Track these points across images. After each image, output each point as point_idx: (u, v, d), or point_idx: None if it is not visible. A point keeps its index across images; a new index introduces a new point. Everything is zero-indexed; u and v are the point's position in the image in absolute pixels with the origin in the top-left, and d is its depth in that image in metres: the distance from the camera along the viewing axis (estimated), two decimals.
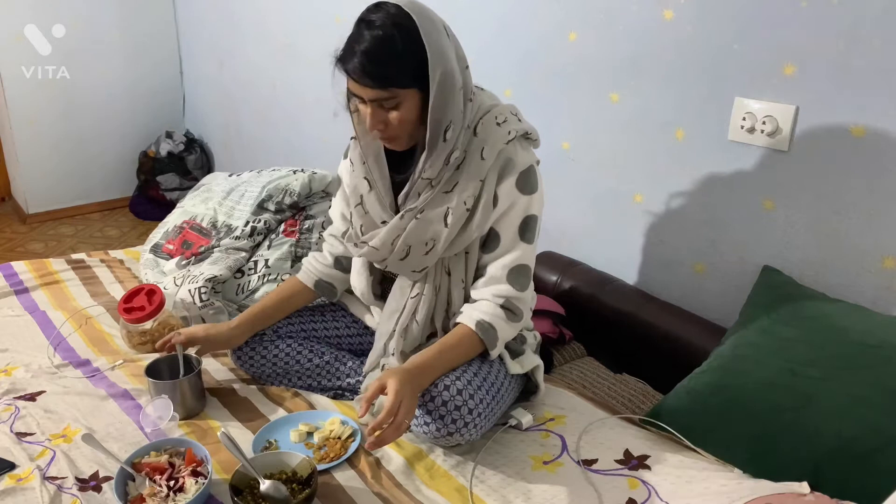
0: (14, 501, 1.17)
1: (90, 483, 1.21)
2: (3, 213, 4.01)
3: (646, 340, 1.64)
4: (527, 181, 1.30)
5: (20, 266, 2.11)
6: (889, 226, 1.33)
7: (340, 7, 2.59)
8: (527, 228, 1.32)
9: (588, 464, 1.24)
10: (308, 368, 1.51)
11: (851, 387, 1.17)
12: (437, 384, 1.24)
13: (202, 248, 1.97)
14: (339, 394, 1.51)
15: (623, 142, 1.76)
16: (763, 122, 1.44)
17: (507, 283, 1.32)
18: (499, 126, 1.30)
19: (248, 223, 1.98)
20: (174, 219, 2.20)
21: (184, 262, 1.96)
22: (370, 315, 1.57)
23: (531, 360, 1.40)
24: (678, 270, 1.70)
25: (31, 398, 1.45)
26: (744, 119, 1.48)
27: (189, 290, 1.81)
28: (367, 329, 1.59)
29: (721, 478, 1.13)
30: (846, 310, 1.31)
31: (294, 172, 2.09)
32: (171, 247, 2.06)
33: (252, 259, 1.94)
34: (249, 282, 1.90)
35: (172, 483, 1.17)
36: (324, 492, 1.20)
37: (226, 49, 3.53)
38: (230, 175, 2.27)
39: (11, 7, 3.49)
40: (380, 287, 1.50)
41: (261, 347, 1.50)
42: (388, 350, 1.41)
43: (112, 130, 3.97)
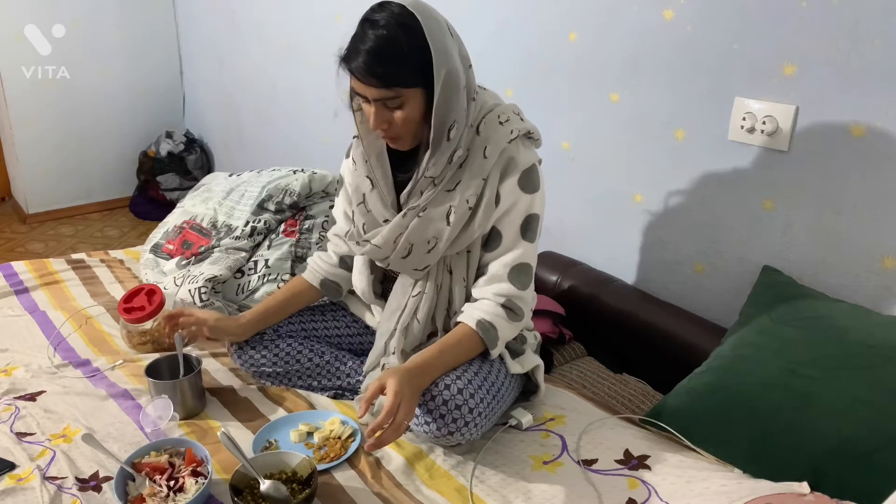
0: (14, 501, 1.17)
1: (90, 483, 1.21)
2: (3, 213, 4.01)
3: (646, 340, 1.65)
4: (529, 180, 1.30)
5: (20, 266, 2.11)
6: (889, 226, 1.33)
7: (341, 7, 2.59)
8: (528, 227, 1.32)
9: (588, 464, 1.24)
10: (308, 368, 1.51)
11: (851, 387, 1.17)
12: (438, 383, 1.24)
13: (202, 248, 1.97)
14: (339, 393, 1.51)
15: (623, 142, 1.76)
16: (763, 122, 1.44)
17: (509, 282, 1.32)
18: (501, 125, 1.30)
19: (248, 223, 1.98)
20: (174, 219, 2.20)
21: (184, 262, 1.96)
22: (370, 314, 1.57)
23: (531, 360, 1.40)
24: (678, 270, 1.70)
25: (31, 398, 1.45)
26: (744, 119, 1.48)
27: (189, 290, 1.81)
28: (368, 328, 1.59)
29: (721, 478, 1.13)
30: (846, 310, 1.31)
31: (294, 172, 2.09)
32: (171, 247, 2.06)
33: (252, 259, 1.94)
34: (249, 282, 1.90)
35: (172, 483, 1.17)
36: (324, 492, 1.20)
37: (226, 49, 3.53)
38: (230, 175, 2.27)
39: (11, 7, 3.49)
40: (381, 286, 1.50)
41: (261, 347, 1.50)
42: (389, 349, 1.41)
43: (112, 130, 3.97)
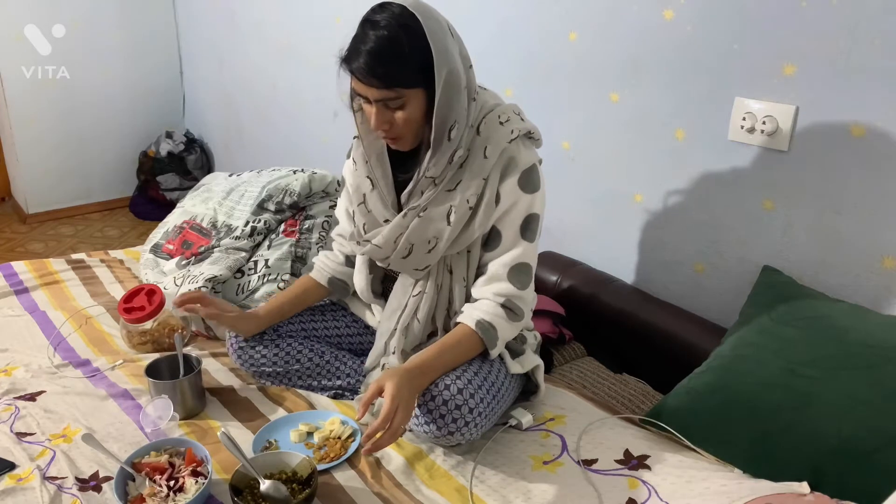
0: (14, 501, 1.17)
1: (90, 483, 1.21)
2: (3, 213, 4.01)
3: (646, 340, 1.65)
4: (529, 180, 1.30)
5: (20, 266, 2.11)
6: (889, 226, 1.33)
7: (340, 7, 2.59)
8: (528, 227, 1.32)
9: (588, 464, 1.24)
10: (308, 368, 1.51)
11: (851, 387, 1.17)
12: (438, 383, 1.24)
13: (202, 248, 1.97)
14: (339, 393, 1.51)
15: (623, 142, 1.76)
16: (763, 122, 1.44)
17: (508, 282, 1.32)
18: (501, 125, 1.30)
19: (248, 223, 1.98)
20: (174, 219, 2.20)
21: (184, 262, 1.96)
22: (371, 314, 1.57)
23: (531, 360, 1.40)
24: (678, 270, 1.70)
25: (31, 398, 1.45)
26: (744, 119, 1.48)
27: (189, 290, 1.80)
28: (368, 328, 1.59)
29: (721, 478, 1.13)
30: (846, 310, 1.31)
31: (294, 172, 2.08)
32: (171, 247, 2.06)
33: (252, 259, 1.94)
34: (249, 282, 1.90)
35: (172, 483, 1.17)
36: (324, 492, 1.20)
37: (226, 49, 3.53)
38: (230, 175, 2.27)
39: (11, 7, 3.49)
40: (381, 285, 1.51)
41: (260, 346, 1.50)
42: (389, 348, 1.41)
43: (112, 130, 3.97)
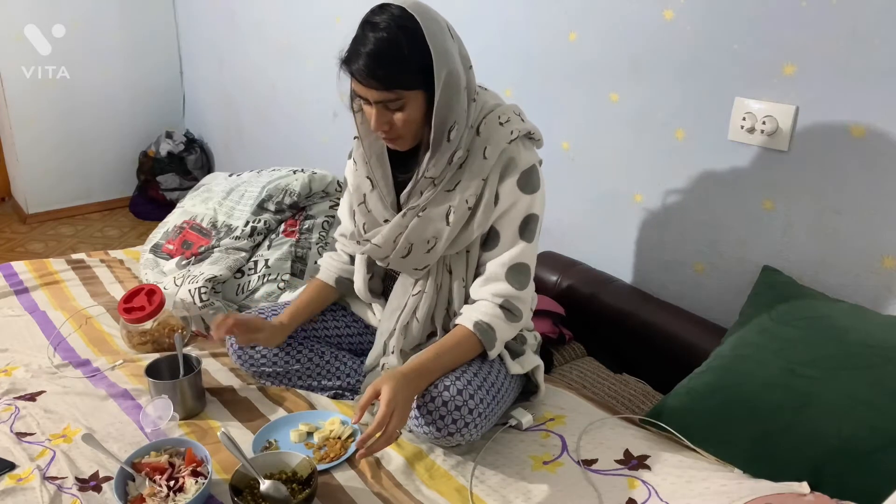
0: (14, 501, 1.17)
1: (90, 483, 1.21)
2: (3, 213, 4.01)
3: (646, 340, 1.64)
4: (528, 180, 1.30)
5: (20, 266, 2.11)
6: (889, 226, 1.33)
7: (340, 8, 2.59)
8: (527, 227, 1.32)
9: (588, 464, 1.24)
10: (308, 368, 1.51)
11: (851, 387, 1.17)
12: (437, 384, 1.24)
13: (202, 248, 1.97)
14: (339, 394, 1.51)
15: (623, 142, 1.76)
16: (763, 122, 1.44)
17: (506, 282, 1.32)
18: (501, 126, 1.30)
19: (248, 223, 1.98)
20: (174, 219, 2.20)
21: (184, 262, 1.96)
22: (371, 313, 1.57)
23: (531, 361, 1.40)
24: (678, 270, 1.70)
25: (31, 398, 1.45)
26: (744, 119, 1.48)
27: (189, 290, 1.80)
28: (367, 328, 1.59)
29: (721, 478, 1.13)
30: (846, 310, 1.31)
31: (294, 172, 2.09)
32: (171, 247, 2.06)
33: (252, 259, 1.94)
34: (249, 282, 1.90)
35: (172, 483, 1.17)
36: (324, 492, 1.20)
37: (226, 49, 3.53)
38: (230, 175, 2.27)
39: (11, 7, 3.49)
40: (381, 284, 1.51)
41: (261, 346, 1.50)
42: (389, 348, 1.42)
43: (112, 130, 3.96)
